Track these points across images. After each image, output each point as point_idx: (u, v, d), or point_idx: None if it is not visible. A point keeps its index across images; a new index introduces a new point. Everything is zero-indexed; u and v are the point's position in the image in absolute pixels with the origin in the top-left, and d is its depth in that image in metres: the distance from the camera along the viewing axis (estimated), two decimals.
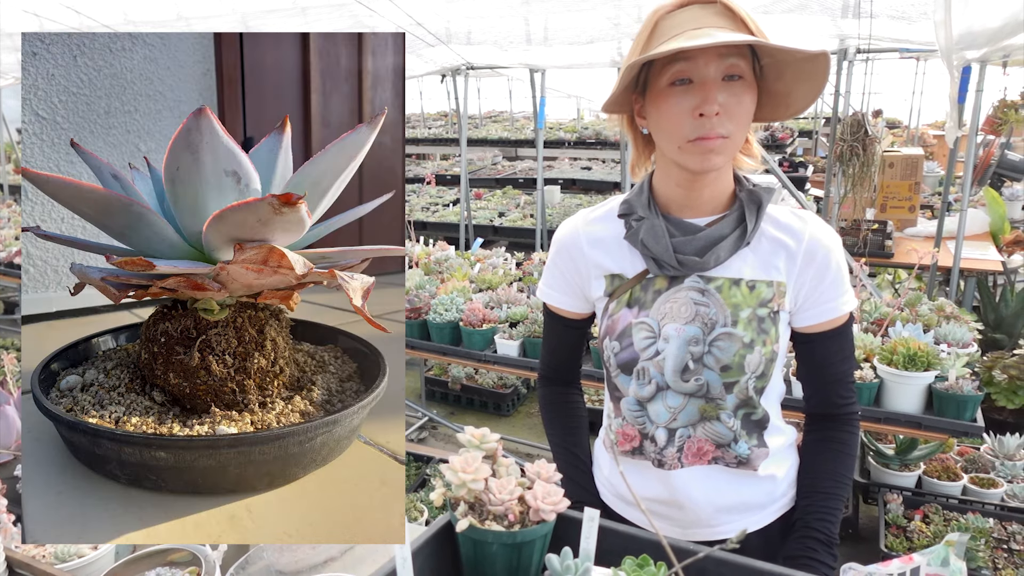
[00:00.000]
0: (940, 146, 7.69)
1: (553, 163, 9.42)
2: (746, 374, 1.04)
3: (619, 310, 1.09)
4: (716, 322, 1.04)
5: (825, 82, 0.98)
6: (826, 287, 1.06)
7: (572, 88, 9.61)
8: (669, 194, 1.08)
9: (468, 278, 3.04)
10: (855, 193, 3.59)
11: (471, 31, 4.15)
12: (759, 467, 1.09)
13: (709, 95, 0.94)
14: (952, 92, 3.10)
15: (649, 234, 1.06)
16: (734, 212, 1.06)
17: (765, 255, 1.06)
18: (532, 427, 4.00)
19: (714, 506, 1.11)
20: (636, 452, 1.12)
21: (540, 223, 5.21)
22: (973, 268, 3.71)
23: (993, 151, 5.02)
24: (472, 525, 0.83)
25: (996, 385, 2.94)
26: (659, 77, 0.97)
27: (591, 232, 1.14)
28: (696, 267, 1.05)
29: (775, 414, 1.12)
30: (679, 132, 0.97)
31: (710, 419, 1.07)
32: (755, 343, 1.03)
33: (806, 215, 1.09)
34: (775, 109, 1.04)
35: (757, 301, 1.05)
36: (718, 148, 0.96)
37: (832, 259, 1.06)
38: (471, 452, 0.89)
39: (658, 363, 1.06)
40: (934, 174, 6.06)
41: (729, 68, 0.95)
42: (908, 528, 2.48)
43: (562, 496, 0.87)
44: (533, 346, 2.41)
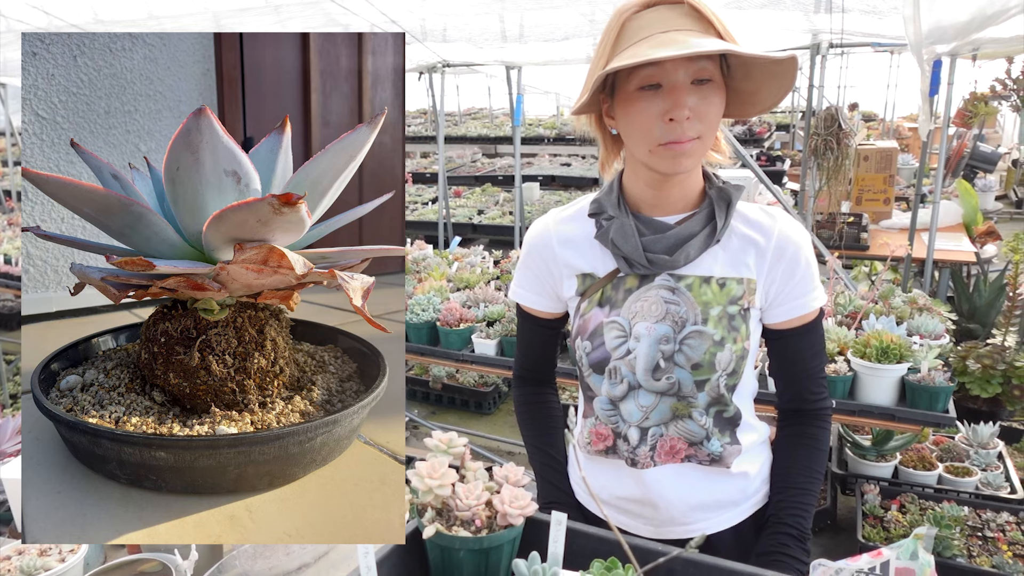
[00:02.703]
0: (915, 138, 7.78)
1: (532, 160, 9.41)
2: (717, 372, 1.04)
3: (590, 310, 1.09)
4: (686, 320, 1.04)
5: (793, 83, 0.98)
6: (796, 284, 1.06)
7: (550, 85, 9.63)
8: (639, 193, 1.08)
9: (446, 277, 3.03)
10: (830, 186, 3.62)
11: (446, 28, 4.13)
12: (732, 464, 1.09)
13: (679, 100, 0.93)
14: (923, 86, 3.13)
15: (619, 233, 1.05)
16: (704, 210, 1.06)
17: (735, 252, 1.07)
18: (513, 425, 3.99)
19: (687, 504, 1.11)
20: (610, 451, 1.12)
21: (519, 220, 5.20)
22: (947, 259, 3.75)
23: (966, 143, 5.08)
24: (439, 532, 0.82)
25: (970, 375, 2.97)
26: (627, 81, 0.97)
27: (562, 232, 1.14)
28: (666, 265, 1.05)
29: (748, 411, 1.12)
30: (649, 136, 0.96)
31: (682, 417, 1.07)
32: (725, 341, 1.03)
33: (775, 212, 1.09)
34: (743, 106, 1.04)
35: (727, 299, 1.05)
36: (689, 151, 0.96)
37: (802, 256, 1.06)
38: (438, 457, 0.88)
39: (629, 362, 1.06)
40: (909, 166, 6.12)
41: (698, 72, 0.94)
42: (885, 518, 2.51)
43: (530, 500, 0.87)
44: (511, 345, 2.41)
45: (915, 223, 3.85)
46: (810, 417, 1.13)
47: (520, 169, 5.11)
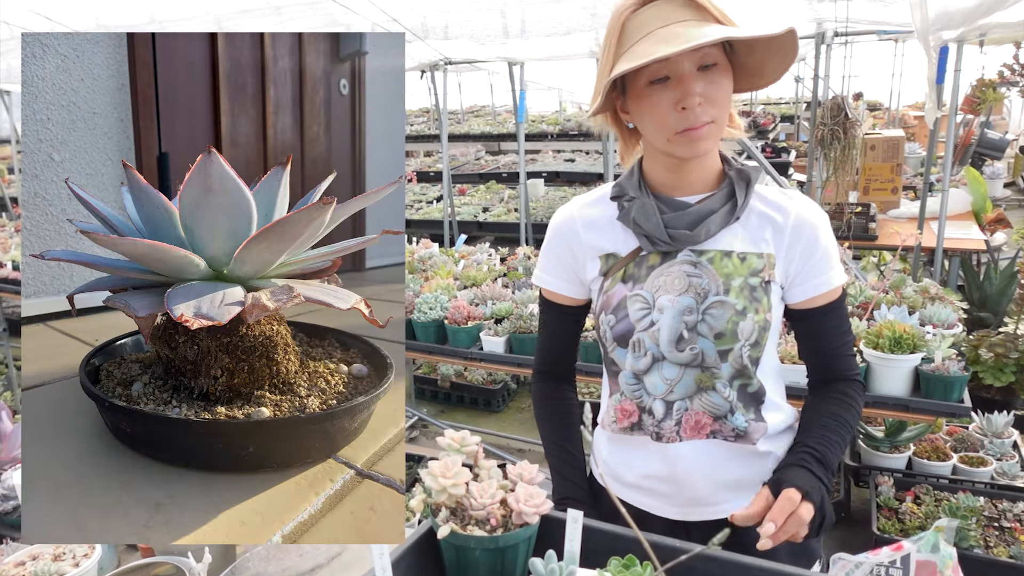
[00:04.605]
0: (921, 127, 7.74)
1: (536, 156, 9.39)
2: (740, 341, 1.06)
3: (614, 286, 1.12)
4: (709, 291, 1.06)
5: (795, 53, 1.00)
6: (816, 262, 1.08)
7: (553, 80, 9.59)
8: (658, 176, 1.11)
9: (452, 275, 3.02)
10: (837, 177, 3.59)
11: (448, 25, 4.11)
12: (757, 441, 1.10)
13: (688, 88, 0.96)
14: (930, 73, 3.10)
15: (640, 212, 1.08)
16: (723, 189, 1.09)
17: (754, 229, 1.10)
18: (523, 422, 3.99)
19: (712, 482, 1.11)
20: (635, 428, 1.13)
21: (524, 217, 5.18)
22: (957, 248, 3.72)
23: (973, 130, 5.04)
24: (454, 531, 0.81)
25: (983, 364, 2.95)
26: (636, 78, 1.00)
27: (585, 215, 1.17)
28: (687, 241, 1.07)
29: (772, 390, 1.13)
30: (665, 126, 0.99)
31: (706, 390, 1.08)
32: (747, 310, 1.05)
33: (793, 194, 1.12)
34: (751, 79, 1.06)
35: (748, 271, 1.07)
36: (705, 135, 0.99)
37: (820, 235, 1.09)
38: (451, 456, 0.88)
39: (653, 334, 1.08)
40: (915, 155, 6.09)
41: (702, 58, 0.97)
42: (900, 510, 2.49)
43: (545, 498, 0.86)
44: (519, 342, 2.40)
45: (924, 212, 3.82)
46: (841, 382, 1.13)
47: (524, 166, 5.09)
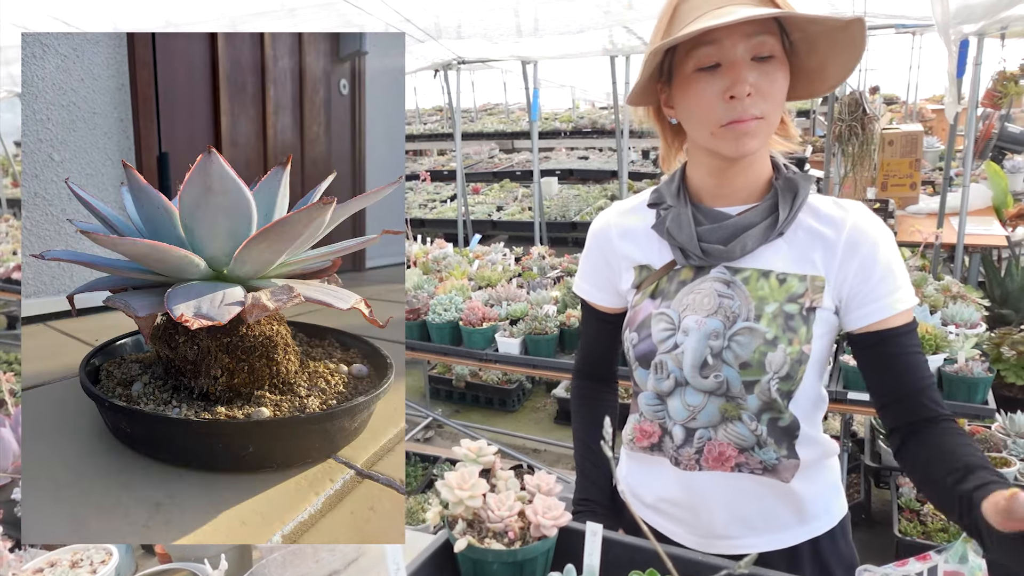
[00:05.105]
0: (939, 121, 7.63)
1: (550, 154, 9.37)
2: (767, 373, 0.96)
3: (642, 301, 1.05)
4: (739, 315, 0.98)
5: (862, 51, 0.91)
6: (875, 283, 0.95)
7: (566, 78, 9.56)
8: (701, 182, 1.03)
9: (467, 276, 3.01)
10: (855, 173, 3.55)
11: (461, 25, 4.10)
12: (790, 480, 1.00)
13: (739, 76, 0.88)
14: (950, 66, 3.05)
15: (675, 222, 1.02)
16: (767, 201, 1.00)
17: (801, 247, 0.99)
18: (538, 422, 3.98)
19: (731, 515, 1.03)
20: (655, 448, 1.07)
21: (538, 216, 5.17)
22: (977, 244, 3.66)
23: (993, 124, 4.96)
24: (471, 544, 0.80)
25: (1005, 362, 2.89)
26: (684, 63, 0.92)
27: (622, 224, 1.11)
28: (721, 256, 0.99)
29: (809, 422, 1.02)
30: (710, 117, 0.91)
31: (731, 420, 0.99)
32: (779, 341, 0.96)
33: (849, 204, 1.01)
34: (809, 85, 0.98)
35: (786, 295, 0.97)
36: (753, 130, 0.90)
37: (880, 252, 0.96)
38: (467, 467, 0.87)
39: (676, 357, 1.00)
40: (933, 149, 6.00)
41: (757, 47, 0.89)
42: (922, 512, 2.45)
43: (564, 509, 0.84)
44: (534, 343, 2.38)
45: (944, 207, 3.76)
46: (933, 422, 0.94)
47: (538, 164, 5.08)
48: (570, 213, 6.44)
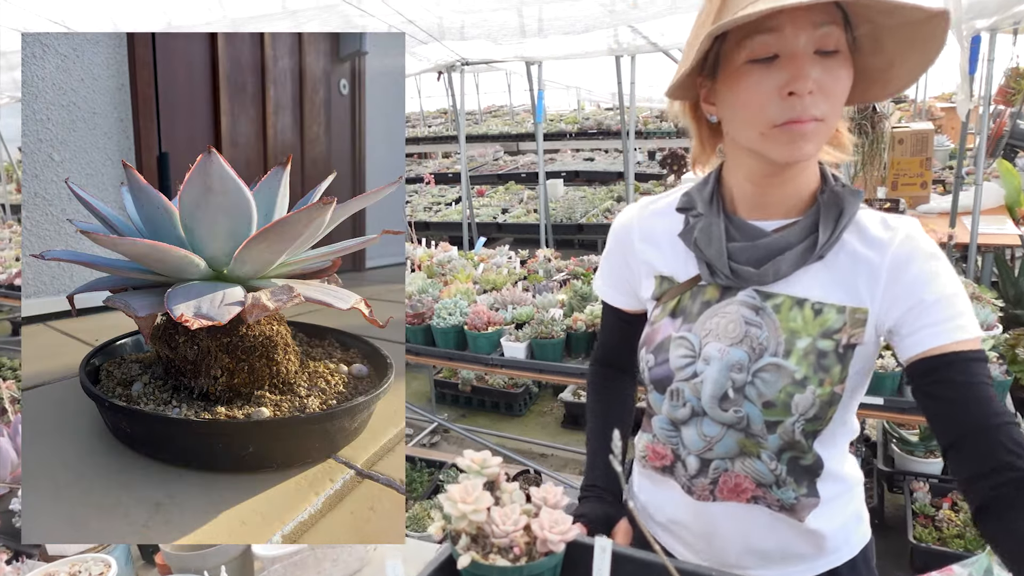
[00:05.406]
0: (948, 118, 7.56)
1: (555, 156, 9.35)
2: (792, 416, 0.87)
3: (661, 319, 0.97)
4: (765, 348, 0.88)
5: (938, 52, 0.80)
6: (928, 307, 0.83)
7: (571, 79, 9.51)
8: (738, 190, 0.93)
9: (472, 279, 2.98)
10: (865, 172, 3.50)
11: (464, 26, 4.07)
12: (806, 518, 0.94)
13: (801, 70, 0.77)
14: (962, 63, 3.00)
15: (704, 234, 0.92)
16: (809, 218, 0.88)
17: (842, 273, 0.88)
18: (545, 427, 3.94)
19: (746, 547, 0.98)
20: (666, 471, 1.01)
21: (544, 218, 5.13)
22: (990, 243, 3.61)
23: (1005, 121, 4.91)
24: (475, 561, 0.77)
25: (1019, 363, 2.84)
26: (735, 53, 0.81)
27: (646, 225, 1.02)
28: (751, 280, 0.90)
29: (835, 459, 0.94)
30: (763, 116, 0.80)
31: (750, 455, 0.92)
32: (808, 381, 0.86)
33: (899, 223, 0.88)
34: (870, 87, 0.87)
35: (820, 330, 0.87)
36: (810, 133, 0.80)
37: (931, 273, 0.84)
38: (471, 479, 0.83)
39: (695, 386, 0.92)
40: (943, 148, 5.93)
41: (823, 39, 0.78)
42: (936, 517, 2.40)
43: (571, 523, 0.81)
44: (540, 347, 2.35)
45: (956, 206, 3.71)
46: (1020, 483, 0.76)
47: (543, 166, 5.04)
48: (576, 215, 6.41)
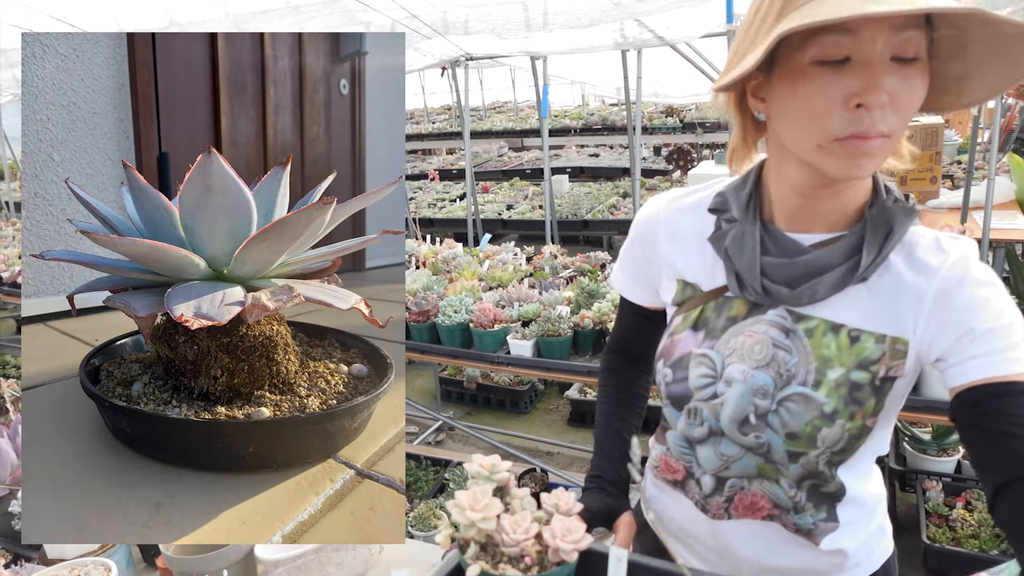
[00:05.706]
0: (956, 113, 7.49)
1: (560, 151, 9.31)
2: (818, 449, 0.81)
3: (682, 330, 0.90)
4: (793, 376, 0.82)
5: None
6: (979, 336, 0.74)
7: (576, 74, 9.47)
8: (781, 200, 0.84)
9: (477, 276, 2.95)
10: None
11: (468, 20, 4.04)
12: (821, 542, 0.89)
13: (875, 80, 0.68)
14: None
15: (736, 243, 0.84)
16: (854, 235, 0.80)
17: (885, 298, 0.80)
18: (551, 424, 3.91)
19: (762, 565, 0.94)
20: (678, 485, 0.97)
21: (549, 214, 5.10)
22: (1001, 239, 3.57)
23: (1015, 116, 4.85)
24: (484, 570, 0.74)
25: None
26: (799, 51, 0.71)
27: (672, 222, 0.94)
28: (784, 300, 0.83)
29: (858, 483, 0.89)
30: (823, 126, 0.71)
31: (768, 478, 0.88)
32: (838, 415, 0.80)
33: (953, 245, 0.80)
34: (942, 96, 0.77)
35: (855, 360, 0.80)
36: (875, 150, 0.71)
37: (981, 299, 0.76)
38: (480, 485, 0.80)
39: (714, 407, 0.87)
40: (951, 142, 5.88)
41: (902, 45, 0.68)
42: (950, 517, 2.36)
43: (584, 532, 0.77)
44: (547, 345, 2.32)
45: (967, 201, 3.66)
46: None
47: (548, 161, 5.00)
48: (581, 211, 6.37)
